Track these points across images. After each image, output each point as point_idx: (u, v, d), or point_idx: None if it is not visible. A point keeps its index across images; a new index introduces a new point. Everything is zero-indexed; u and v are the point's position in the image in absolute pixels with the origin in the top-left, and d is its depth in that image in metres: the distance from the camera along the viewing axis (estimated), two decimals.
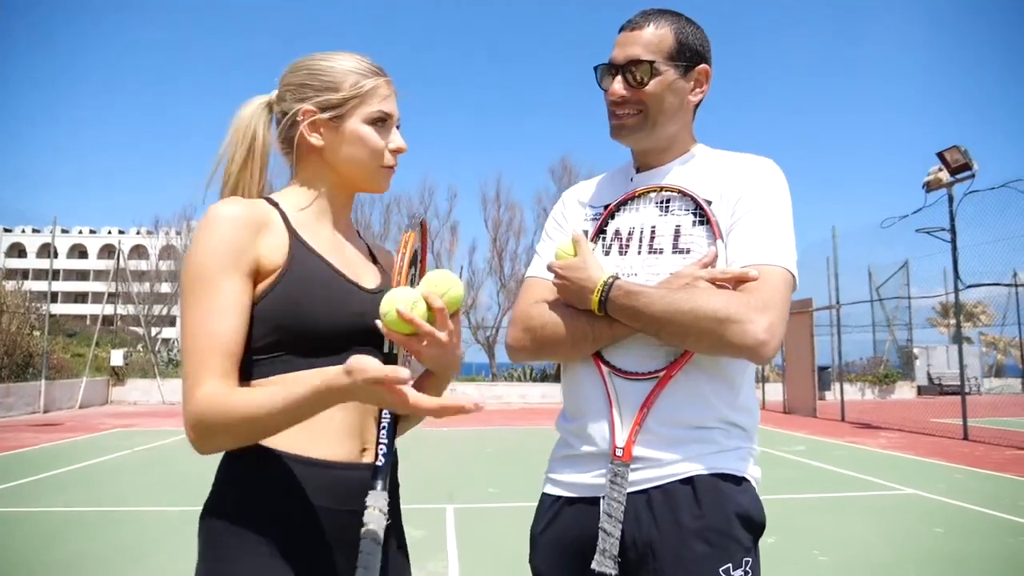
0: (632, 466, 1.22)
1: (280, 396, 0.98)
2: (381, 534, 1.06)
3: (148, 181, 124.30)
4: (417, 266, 1.24)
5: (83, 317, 46.91)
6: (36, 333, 17.16)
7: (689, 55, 1.35)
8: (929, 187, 11.95)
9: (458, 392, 17.38)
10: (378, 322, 1.06)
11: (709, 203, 1.31)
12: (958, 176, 11.20)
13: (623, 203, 1.39)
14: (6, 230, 68.11)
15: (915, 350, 23.02)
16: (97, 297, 54.50)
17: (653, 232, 1.34)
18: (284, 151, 1.26)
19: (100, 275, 62.92)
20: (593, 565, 1.18)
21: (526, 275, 1.47)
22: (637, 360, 1.27)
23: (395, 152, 1.25)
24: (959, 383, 11.63)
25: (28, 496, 6.37)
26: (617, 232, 1.38)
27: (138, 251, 44.04)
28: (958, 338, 12.55)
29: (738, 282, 1.21)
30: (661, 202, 1.35)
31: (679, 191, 1.33)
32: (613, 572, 1.17)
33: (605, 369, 1.28)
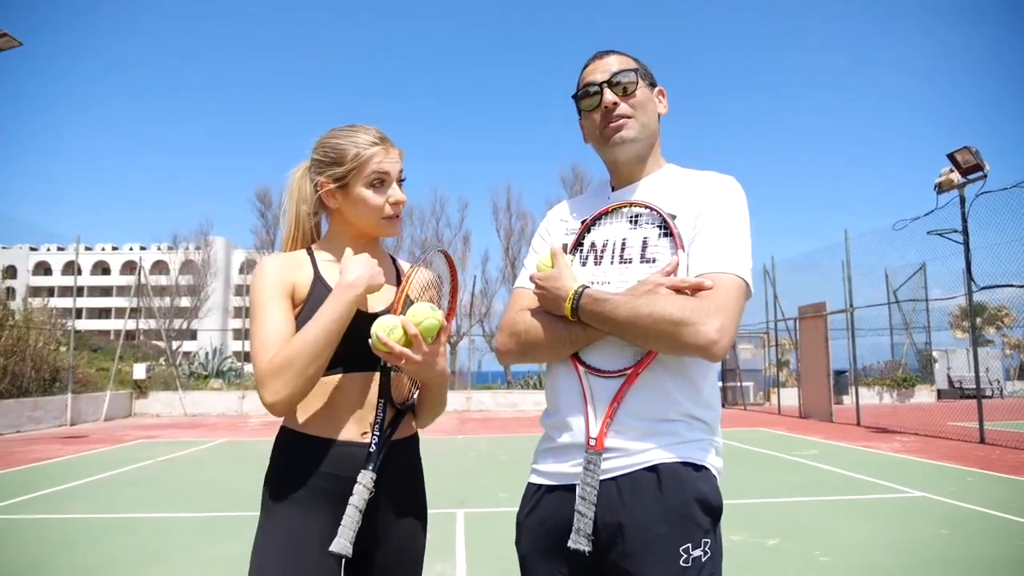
0: (604, 455, 1.35)
1: (312, 326, 1.40)
2: (363, 504, 1.38)
3: (168, 198, 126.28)
4: (446, 293, 1.63)
5: (107, 332, 47.70)
6: (62, 348, 17.58)
7: (649, 75, 1.56)
8: (941, 188, 11.91)
9: (474, 400, 17.45)
10: (369, 340, 1.37)
11: (673, 217, 1.44)
12: (970, 177, 11.15)
13: (598, 218, 1.54)
14: (32, 249, 69.56)
15: (934, 353, 22.76)
16: (120, 312, 55.43)
17: (624, 244, 1.47)
18: (317, 210, 1.64)
19: (123, 291, 64.03)
20: (569, 543, 1.31)
21: (514, 286, 1.63)
22: (609, 359, 1.40)
23: (394, 204, 1.56)
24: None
25: (58, 503, 6.60)
26: (593, 244, 1.52)
27: (159, 267, 44.76)
28: (973, 340, 12.44)
29: (695, 289, 1.35)
30: (632, 217, 1.50)
31: (646, 206, 1.48)
32: (587, 549, 1.30)
33: (581, 368, 1.42)
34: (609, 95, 1.49)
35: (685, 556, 1.28)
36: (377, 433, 1.42)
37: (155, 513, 6.19)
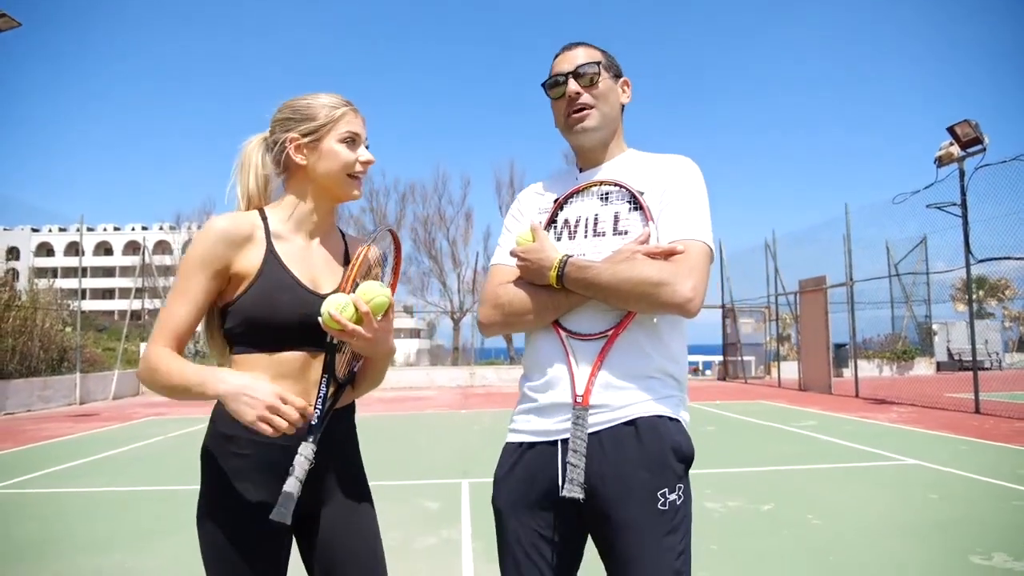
0: (589, 411, 1.46)
1: (182, 374, 1.40)
2: (303, 474, 1.37)
3: (170, 177, 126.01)
4: (389, 270, 1.64)
5: (111, 312, 47.98)
6: (68, 329, 17.77)
7: (615, 67, 1.68)
8: (941, 162, 11.93)
9: (477, 375, 17.58)
10: (319, 319, 1.40)
11: (641, 193, 1.57)
12: (969, 150, 11.16)
13: (569, 197, 1.66)
14: (34, 230, 69.60)
15: (934, 326, 22.88)
16: (124, 293, 55.62)
17: (596, 219, 1.60)
18: (277, 172, 1.61)
19: (126, 271, 64.22)
20: (563, 493, 1.42)
21: (491, 263, 1.73)
22: (589, 323, 1.52)
23: (365, 163, 1.58)
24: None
25: (73, 478, 6.80)
26: (566, 221, 1.64)
27: (162, 247, 44.82)
28: (971, 312, 12.55)
29: (668, 254, 1.48)
30: (602, 195, 1.62)
31: (616, 184, 1.61)
32: (581, 496, 1.42)
33: (563, 333, 1.54)
34: (573, 85, 1.61)
35: (662, 500, 1.42)
36: (319, 407, 1.43)
37: (169, 487, 6.39)
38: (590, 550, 1.54)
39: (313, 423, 1.42)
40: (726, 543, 4.16)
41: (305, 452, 1.38)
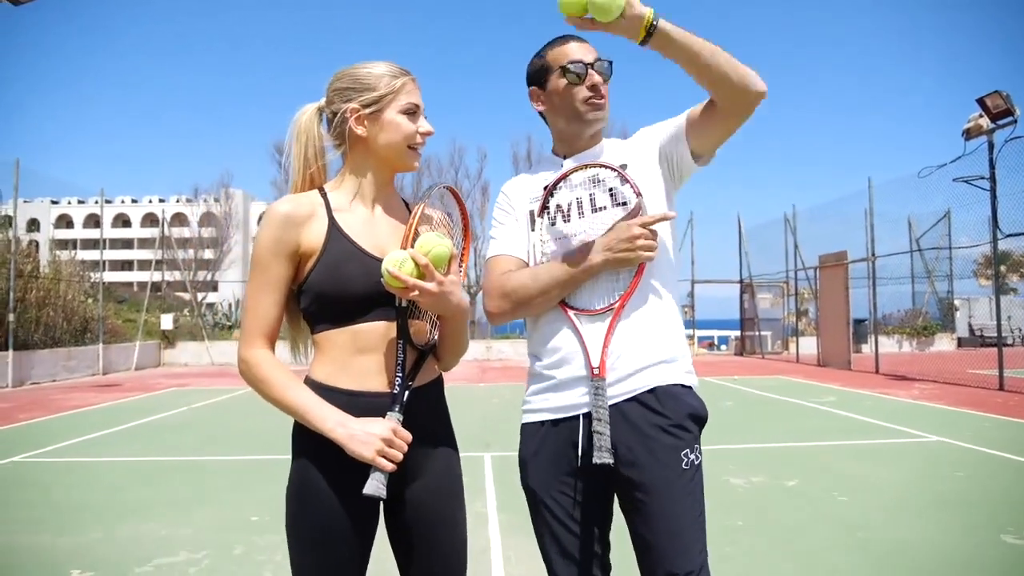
0: (607, 383, 1.54)
1: (290, 400, 1.40)
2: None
3: (187, 149, 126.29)
4: (457, 228, 1.63)
5: (129, 284, 48.50)
6: (90, 300, 18.01)
7: None
8: (969, 134, 11.65)
9: (494, 349, 17.67)
10: (381, 279, 1.38)
11: (624, 167, 1.66)
12: (999, 123, 10.90)
13: (558, 182, 1.71)
14: (53, 202, 70.27)
15: (956, 301, 22.59)
16: (143, 265, 56.24)
17: (592, 198, 1.67)
18: (336, 145, 1.58)
19: (144, 243, 64.81)
20: (595, 460, 1.48)
21: (487, 257, 1.78)
22: (594, 298, 1.61)
23: (424, 135, 1.55)
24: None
25: (103, 447, 6.94)
26: (558, 206, 1.70)
27: (179, 219, 45.12)
28: (996, 287, 12.37)
29: (663, 220, 1.60)
30: (590, 177, 1.68)
31: (601, 165, 1.68)
32: (611, 461, 1.48)
33: (571, 311, 1.62)
34: (598, 76, 1.67)
35: (685, 460, 1.54)
36: (399, 375, 1.42)
37: (198, 456, 6.49)
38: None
39: (395, 392, 1.42)
40: (752, 519, 4.16)
41: (390, 423, 1.38)
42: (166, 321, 19.97)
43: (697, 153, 1.65)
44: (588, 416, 1.53)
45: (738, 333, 22.39)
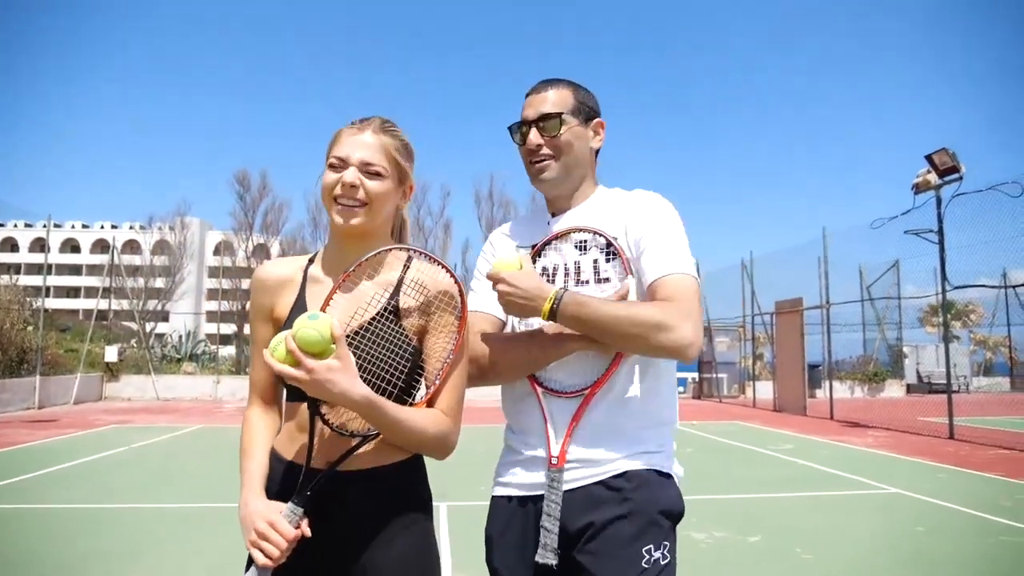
0: (571, 467, 1.43)
1: (240, 467, 1.40)
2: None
3: (141, 176, 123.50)
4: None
5: (76, 312, 46.72)
6: (30, 328, 17.17)
7: (587, 110, 1.60)
8: (918, 189, 12.11)
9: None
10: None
11: (616, 239, 1.52)
12: (946, 179, 11.36)
13: (545, 245, 1.60)
14: None
15: (905, 349, 23.25)
16: (90, 292, 54.28)
17: (578, 267, 1.56)
18: None
19: (93, 270, 62.69)
20: (536, 559, 1.38)
21: None
22: (567, 378, 1.48)
23: (343, 186, 1.37)
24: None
25: (29, 492, 6.46)
26: (544, 269, 1.59)
27: (131, 246, 43.85)
28: (946, 338, 12.73)
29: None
30: (578, 243, 1.57)
31: (592, 231, 1.55)
32: (554, 563, 1.37)
33: (539, 389, 1.50)
34: (534, 137, 1.56)
35: (647, 557, 1.38)
36: (305, 463, 1.28)
37: (134, 504, 6.09)
38: None
39: (301, 479, 1.29)
40: None
41: (283, 511, 1.25)
42: (110, 353, 19.12)
43: None
44: None
45: (696, 375, 22.55)
